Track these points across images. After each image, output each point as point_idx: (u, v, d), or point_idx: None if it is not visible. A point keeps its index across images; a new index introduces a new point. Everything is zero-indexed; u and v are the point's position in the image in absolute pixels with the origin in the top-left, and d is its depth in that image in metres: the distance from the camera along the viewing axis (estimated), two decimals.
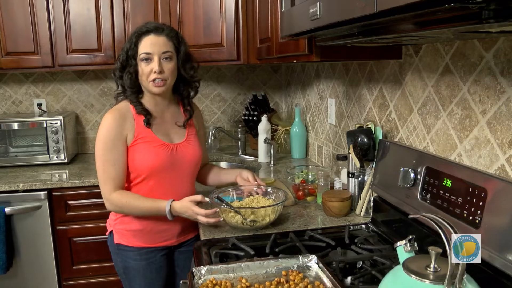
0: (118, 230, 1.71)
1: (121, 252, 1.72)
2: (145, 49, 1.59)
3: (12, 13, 2.59)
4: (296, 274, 1.18)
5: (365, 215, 1.68)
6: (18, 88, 3.05)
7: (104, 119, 1.61)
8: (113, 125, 1.59)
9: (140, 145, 1.62)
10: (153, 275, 1.73)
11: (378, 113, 1.80)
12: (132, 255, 1.71)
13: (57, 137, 2.70)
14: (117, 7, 2.65)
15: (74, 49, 2.66)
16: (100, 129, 1.60)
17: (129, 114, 1.63)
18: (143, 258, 1.71)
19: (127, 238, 1.70)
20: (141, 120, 1.63)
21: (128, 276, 1.74)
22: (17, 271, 2.48)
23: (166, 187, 1.66)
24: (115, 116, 1.60)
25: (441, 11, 0.70)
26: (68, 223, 2.50)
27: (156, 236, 1.71)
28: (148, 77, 1.59)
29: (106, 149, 1.59)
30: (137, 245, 1.70)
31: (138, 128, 1.62)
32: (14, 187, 2.38)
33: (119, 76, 1.65)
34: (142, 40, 1.59)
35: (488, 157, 1.19)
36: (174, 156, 1.67)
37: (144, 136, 1.63)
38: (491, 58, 1.16)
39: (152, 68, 1.58)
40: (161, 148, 1.64)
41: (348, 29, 1.08)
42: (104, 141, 1.59)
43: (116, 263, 1.76)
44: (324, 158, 2.48)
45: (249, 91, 3.25)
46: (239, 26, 2.48)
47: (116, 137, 1.59)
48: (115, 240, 1.72)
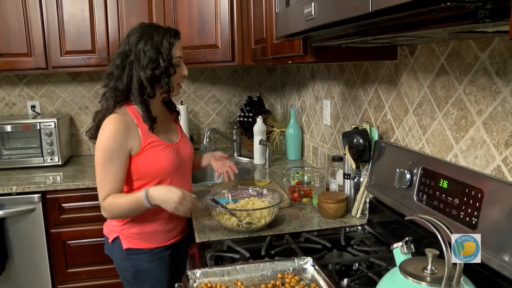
0: (127, 235, 1.67)
1: (131, 257, 1.68)
2: (179, 53, 1.60)
3: (4, 14, 2.56)
4: (292, 277, 1.17)
5: (361, 216, 1.67)
6: (11, 90, 3.03)
7: (107, 127, 1.54)
8: (118, 137, 1.53)
9: (150, 151, 1.59)
10: (163, 275, 1.73)
11: (373, 114, 1.79)
12: (144, 258, 1.68)
13: (51, 139, 2.68)
14: (111, 8, 2.63)
15: (68, 51, 2.64)
16: (103, 138, 1.53)
17: (132, 123, 1.57)
18: (155, 258, 1.70)
19: (138, 241, 1.67)
20: (144, 126, 1.59)
21: (139, 280, 1.70)
22: (10, 275, 2.45)
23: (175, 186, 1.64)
24: (120, 127, 1.53)
25: (437, 11, 0.69)
26: (62, 226, 2.47)
27: (166, 235, 1.72)
28: (178, 80, 1.63)
29: (108, 160, 1.53)
30: (148, 247, 1.68)
31: (144, 135, 1.58)
32: (7, 190, 2.36)
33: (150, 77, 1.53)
34: (175, 44, 1.59)
35: (484, 158, 1.18)
36: (179, 155, 1.68)
37: (152, 141, 1.60)
38: (486, 59, 1.16)
39: (183, 73, 1.63)
40: (168, 150, 1.64)
41: (343, 30, 1.08)
42: (106, 151, 1.53)
43: (125, 268, 1.70)
44: (319, 160, 2.47)
45: (244, 93, 3.25)
46: (233, 27, 2.47)
47: (120, 149, 1.53)
48: (124, 246, 1.67)
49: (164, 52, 1.54)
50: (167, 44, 1.54)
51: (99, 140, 1.55)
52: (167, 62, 1.55)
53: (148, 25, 1.62)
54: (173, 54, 1.56)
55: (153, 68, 1.53)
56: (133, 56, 1.54)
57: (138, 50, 1.54)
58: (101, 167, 1.54)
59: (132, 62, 1.54)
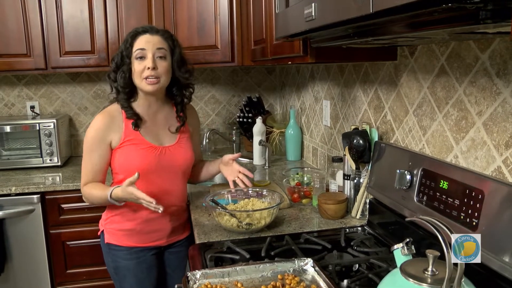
0: (109, 230, 1.73)
1: (111, 252, 1.73)
2: (139, 45, 1.59)
3: (3, 14, 2.56)
4: (292, 278, 1.17)
5: (361, 217, 1.67)
6: (10, 90, 3.02)
7: (94, 120, 1.64)
8: (101, 128, 1.61)
9: (127, 147, 1.62)
10: (143, 274, 1.74)
11: (373, 115, 1.79)
12: (122, 255, 1.72)
13: (50, 140, 2.67)
14: (110, 9, 2.63)
15: (67, 51, 2.64)
16: (89, 129, 1.63)
17: (119, 117, 1.64)
18: (134, 257, 1.71)
19: (117, 237, 1.71)
20: (130, 122, 1.63)
21: (119, 275, 1.75)
22: (9, 276, 2.44)
23: (156, 189, 1.64)
24: (105, 119, 1.62)
25: (438, 12, 0.69)
26: (61, 227, 2.47)
27: (147, 236, 1.72)
28: (141, 74, 1.59)
29: (90, 150, 1.63)
30: (127, 245, 1.71)
31: (127, 130, 1.63)
32: (6, 190, 2.36)
33: (113, 78, 1.64)
34: (137, 39, 1.60)
35: (485, 159, 1.18)
36: (162, 158, 1.67)
37: (132, 138, 1.63)
38: (486, 59, 1.15)
39: (145, 65, 1.58)
40: (148, 151, 1.64)
41: (344, 30, 1.07)
42: (90, 142, 1.62)
43: (108, 262, 1.77)
44: (319, 160, 2.47)
45: (243, 93, 3.25)
46: (233, 27, 2.47)
47: (101, 140, 1.61)
48: (106, 240, 1.73)
49: (122, 48, 1.62)
50: (123, 45, 1.62)
51: (86, 131, 1.66)
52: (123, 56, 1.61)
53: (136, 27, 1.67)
54: (133, 48, 1.59)
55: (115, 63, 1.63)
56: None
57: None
58: (84, 155, 1.66)
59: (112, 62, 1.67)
